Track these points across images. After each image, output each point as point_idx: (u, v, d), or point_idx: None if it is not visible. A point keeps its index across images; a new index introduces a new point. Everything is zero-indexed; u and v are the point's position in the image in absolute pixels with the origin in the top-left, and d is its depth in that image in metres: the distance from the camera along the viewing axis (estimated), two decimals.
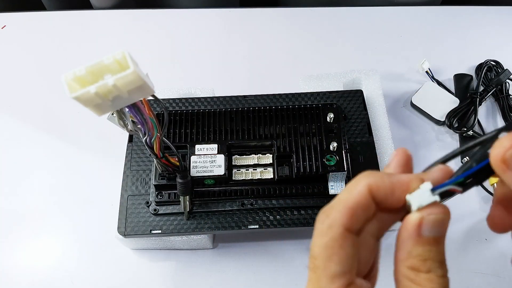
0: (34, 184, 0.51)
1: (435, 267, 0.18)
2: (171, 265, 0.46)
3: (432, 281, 0.18)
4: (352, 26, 0.64)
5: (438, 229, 0.18)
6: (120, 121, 0.30)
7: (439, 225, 0.18)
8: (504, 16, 0.65)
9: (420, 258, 0.18)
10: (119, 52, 0.24)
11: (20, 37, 0.64)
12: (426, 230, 0.18)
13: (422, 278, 0.18)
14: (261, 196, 0.42)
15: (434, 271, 0.18)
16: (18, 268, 0.46)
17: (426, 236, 0.18)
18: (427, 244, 0.18)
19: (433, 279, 0.18)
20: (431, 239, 0.18)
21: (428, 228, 0.18)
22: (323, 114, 0.44)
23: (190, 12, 0.66)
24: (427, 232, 0.18)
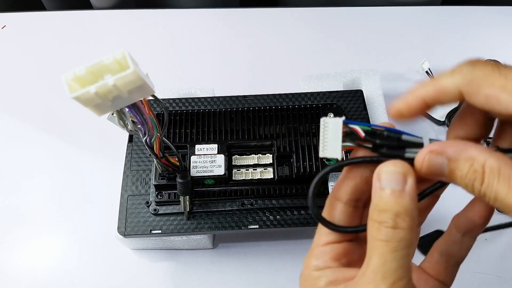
0: (34, 184, 0.51)
1: (387, 218, 0.18)
2: (171, 265, 0.46)
3: (379, 230, 0.19)
4: (352, 26, 0.64)
5: (394, 183, 0.19)
6: (120, 121, 0.30)
7: (395, 178, 0.19)
8: (504, 16, 0.65)
9: (377, 209, 0.19)
10: (119, 52, 0.24)
11: (20, 37, 0.64)
12: (383, 183, 0.19)
13: (373, 227, 0.19)
14: (261, 196, 0.42)
15: (385, 221, 0.18)
16: (18, 268, 0.46)
17: (384, 188, 0.19)
18: (385, 196, 0.19)
19: (381, 229, 0.18)
20: (389, 191, 0.19)
21: (385, 181, 0.19)
22: (323, 114, 0.44)
23: (190, 12, 0.66)
24: (384, 184, 0.19)
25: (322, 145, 0.21)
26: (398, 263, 0.18)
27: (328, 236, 0.22)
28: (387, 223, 0.18)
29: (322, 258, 0.21)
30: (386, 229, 0.18)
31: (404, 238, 0.18)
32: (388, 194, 0.19)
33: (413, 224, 0.18)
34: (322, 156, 0.21)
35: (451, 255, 0.23)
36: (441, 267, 0.23)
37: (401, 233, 0.18)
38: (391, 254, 0.18)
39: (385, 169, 0.19)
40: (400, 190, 0.19)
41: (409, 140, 0.20)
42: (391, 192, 0.19)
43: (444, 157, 0.18)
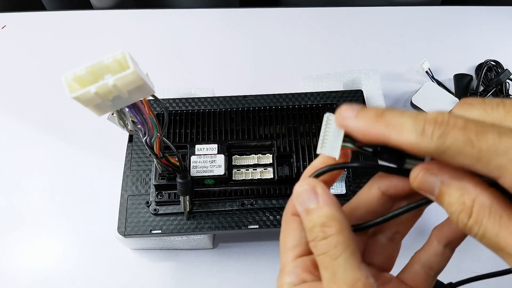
0: (34, 184, 0.51)
1: (317, 233, 0.19)
2: (171, 265, 0.46)
3: (316, 247, 0.19)
4: (352, 26, 0.64)
5: (308, 201, 0.20)
6: (120, 121, 0.30)
7: (306, 197, 0.20)
8: (504, 16, 0.65)
9: (308, 230, 0.20)
10: (119, 52, 0.24)
11: (20, 37, 0.64)
12: (299, 206, 0.20)
13: (312, 248, 0.20)
14: (261, 196, 0.42)
15: (316, 236, 0.19)
16: (18, 268, 0.46)
17: (301, 211, 0.20)
18: (306, 217, 0.20)
19: (317, 245, 0.19)
20: (306, 210, 0.20)
21: (299, 204, 0.20)
22: (323, 114, 0.44)
23: (190, 12, 0.66)
24: (300, 207, 0.20)
25: (321, 142, 0.21)
26: (346, 268, 0.18)
27: (294, 250, 0.21)
28: (318, 236, 0.19)
29: (295, 273, 0.21)
30: (320, 242, 0.19)
31: (338, 242, 0.18)
32: (307, 214, 0.20)
33: (341, 227, 0.19)
34: (319, 153, 0.21)
35: (432, 267, 0.23)
36: (421, 278, 0.23)
37: (334, 239, 0.19)
38: (335, 262, 0.18)
39: (294, 194, 0.20)
40: (314, 207, 0.19)
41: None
42: (308, 210, 0.20)
43: (438, 178, 0.18)
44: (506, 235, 0.16)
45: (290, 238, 0.21)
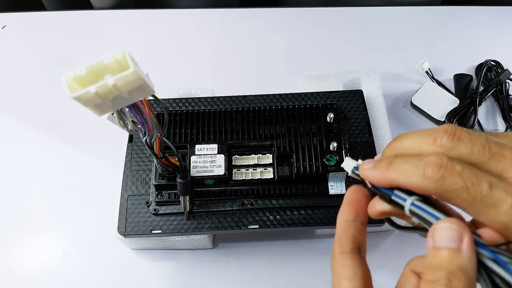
0: (34, 184, 0.51)
1: (441, 277, 0.18)
2: (171, 265, 0.46)
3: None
4: (352, 26, 0.64)
5: (449, 241, 0.19)
6: (120, 121, 0.30)
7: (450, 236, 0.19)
8: (504, 16, 0.65)
9: (431, 268, 0.19)
10: (119, 52, 0.24)
11: (20, 37, 0.64)
12: (437, 241, 0.19)
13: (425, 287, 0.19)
14: (261, 196, 0.42)
15: (439, 280, 0.18)
16: (18, 268, 0.46)
17: (438, 247, 0.19)
18: (439, 254, 0.19)
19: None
20: (444, 249, 0.19)
21: (439, 239, 0.19)
22: (323, 114, 0.44)
23: (190, 12, 0.66)
24: (438, 242, 0.19)
25: (347, 166, 0.25)
26: None
27: (351, 285, 0.21)
28: (441, 281, 0.18)
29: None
30: (441, 286, 0.18)
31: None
32: (442, 253, 0.18)
33: (469, 285, 0.18)
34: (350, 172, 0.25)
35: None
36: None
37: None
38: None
39: (440, 225, 0.19)
40: (455, 249, 0.18)
41: (396, 202, 0.22)
42: (446, 250, 0.18)
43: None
44: None
45: (345, 275, 0.22)
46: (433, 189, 0.20)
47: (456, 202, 0.19)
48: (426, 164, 0.20)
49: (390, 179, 0.21)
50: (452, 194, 0.19)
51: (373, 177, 0.23)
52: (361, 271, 0.22)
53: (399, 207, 0.22)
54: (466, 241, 0.18)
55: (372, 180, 0.23)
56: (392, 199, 0.22)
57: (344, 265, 0.22)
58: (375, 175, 0.22)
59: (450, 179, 0.19)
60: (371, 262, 0.23)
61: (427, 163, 0.20)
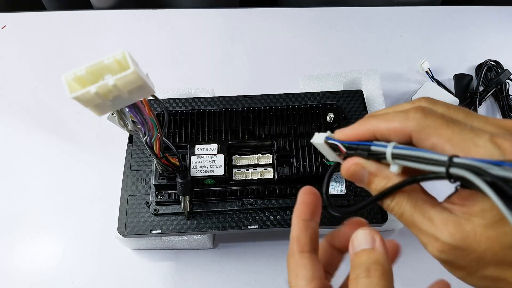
0: (34, 184, 0.51)
1: (361, 271, 0.21)
2: (171, 265, 0.46)
3: (357, 284, 0.21)
4: (352, 26, 0.64)
5: (364, 243, 0.22)
6: (120, 121, 0.30)
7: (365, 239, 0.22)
8: (504, 16, 0.65)
9: (353, 267, 0.21)
10: (119, 52, 0.24)
11: (20, 37, 0.64)
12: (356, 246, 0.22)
13: (351, 284, 0.21)
14: (261, 196, 0.42)
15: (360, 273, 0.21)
16: (18, 268, 0.46)
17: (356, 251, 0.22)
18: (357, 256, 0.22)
19: (357, 282, 0.21)
20: (361, 251, 0.22)
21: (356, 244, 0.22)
22: (323, 114, 0.44)
23: (190, 12, 0.66)
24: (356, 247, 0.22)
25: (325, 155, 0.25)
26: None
27: (309, 285, 0.22)
28: (361, 274, 0.21)
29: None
30: (362, 279, 0.20)
31: (378, 284, 0.20)
32: (360, 254, 0.21)
33: (385, 272, 0.20)
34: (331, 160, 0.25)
35: None
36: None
37: (375, 280, 0.20)
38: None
39: (356, 234, 0.22)
40: (370, 248, 0.21)
41: (377, 151, 0.22)
42: (363, 251, 0.21)
43: (366, 170, 0.22)
44: (418, 216, 0.20)
45: (303, 274, 0.23)
46: (415, 126, 0.21)
47: (435, 139, 0.20)
48: (407, 110, 0.21)
49: (370, 127, 0.22)
50: (433, 129, 0.20)
51: (350, 132, 0.23)
52: (318, 271, 0.23)
53: (378, 157, 0.22)
54: (378, 240, 0.21)
55: (350, 134, 0.23)
56: (372, 149, 0.22)
57: (303, 265, 0.23)
58: (352, 129, 0.23)
59: (431, 117, 0.20)
60: None
61: (409, 109, 0.21)
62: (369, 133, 0.22)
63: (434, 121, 0.20)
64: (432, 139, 0.20)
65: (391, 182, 0.21)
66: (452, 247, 0.19)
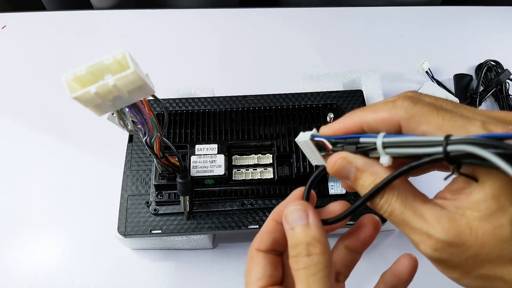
0: (34, 184, 0.51)
1: (301, 249, 0.21)
2: (171, 265, 0.46)
3: (297, 262, 0.21)
4: (352, 26, 0.64)
5: (299, 219, 0.22)
6: (120, 121, 0.30)
7: (298, 215, 0.22)
8: (504, 16, 0.65)
9: (292, 246, 0.22)
10: (119, 52, 0.24)
11: (20, 37, 0.64)
12: (290, 223, 0.22)
13: (292, 262, 0.21)
14: (261, 196, 0.42)
15: (300, 252, 0.21)
16: (18, 268, 0.46)
17: (292, 227, 0.22)
18: (294, 233, 0.22)
19: (298, 260, 0.21)
20: (297, 228, 0.22)
21: (290, 220, 0.22)
22: (323, 114, 0.44)
23: (190, 12, 0.66)
24: (291, 223, 0.22)
25: (310, 158, 0.24)
26: (320, 284, 0.20)
27: (258, 282, 0.23)
28: (302, 253, 0.21)
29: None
30: (303, 258, 0.21)
31: (319, 261, 0.20)
32: (296, 231, 0.21)
33: (324, 249, 0.21)
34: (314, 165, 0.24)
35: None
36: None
37: (315, 258, 0.20)
38: (312, 278, 0.20)
39: (288, 209, 0.22)
40: (305, 224, 0.21)
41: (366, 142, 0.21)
42: (299, 227, 0.21)
43: (353, 165, 0.21)
44: (409, 213, 0.19)
45: (255, 271, 0.23)
46: (404, 114, 0.20)
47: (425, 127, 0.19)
48: (394, 99, 0.20)
49: (356, 119, 0.21)
50: (422, 117, 0.19)
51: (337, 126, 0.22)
52: (270, 271, 0.23)
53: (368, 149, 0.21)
54: (311, 216, 0.22)
55: (336, 128, 0.22)
56: (361, 141, 0.21)
57: (256, 263, 0.23)
58: (339, 122, 0.22)
59: (420, 104, 0.20)
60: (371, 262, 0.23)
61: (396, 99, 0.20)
62: (356, 125, 0.21)
63: (423, 108, 0.19)
64: (423, 127, 0.19)
65: (380, 178, 0.20)
66: (446, 244, 0.18)
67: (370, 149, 0.21)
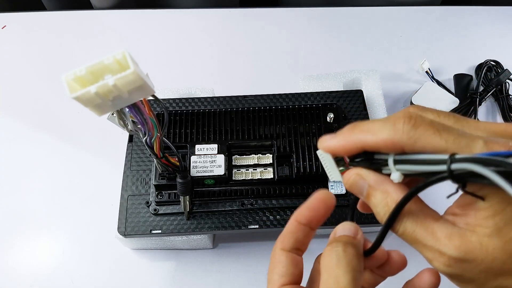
0: (34, 184, 0.51)
1: (337, 246, 0.22)
2: (171, 265, 0.46)
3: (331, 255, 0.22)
4: (352, 26, 0.64)
5: (347, 232, 0.23)
6: (120, 121, 0.30)
7: (348, 229, 0.23)
8: (504, 16, 0.65)
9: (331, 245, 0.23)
10: (120, 52, 0.24)
11: (20, 37, 0.64)
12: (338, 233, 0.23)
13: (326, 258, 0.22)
14: (261, 196, 0.42)
15: (336, 248, 0.22)
16: (18, 268, 0.46)
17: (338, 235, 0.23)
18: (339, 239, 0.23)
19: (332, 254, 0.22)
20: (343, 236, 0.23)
21: (339, 231, 0.23)
22: (323, 114, 0.44)
23: (190, 12, 0.66)
24: (339, 233, 0.23)
25: (328, 173, 0.24)
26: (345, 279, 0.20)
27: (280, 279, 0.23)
28: (339, 248, 0.21)
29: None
30: (338, 250, 0.21)
31: (352, 260, 0.21)
32: (341, 236, 0.22)
33: (358, 256, 0.21)
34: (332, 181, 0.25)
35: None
36: None
37: (349, 256, 0.21)
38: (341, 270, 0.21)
39: (341, 224, 0.23)
40: (351, 236, 0.22)
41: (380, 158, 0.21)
42: (344, 235, 0.22)
43: (366, 182, 0.22)
44: (421, 231, 0.20)
45: (278, 269, 0.24)
46: (406, 139, 0.19)
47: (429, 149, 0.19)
48: (395, 119, 0.20)
49: (356, 141, 0.21)
50: (425, 140, 0.19)
51: (335, 144, 0.22)
52: (293, 269, 0.24)
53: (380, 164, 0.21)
54: (360, 234, 0.23)
55: (335, 148, 0.22)
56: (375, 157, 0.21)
57: (280, 261, 0.24)
58: (337, 141, 0.22)
59: (422, 127, 0.19)
60: None
61: (396, 118, 0.20)
62: (357, 147, 0.21)
63: (425, 131, 0.19)
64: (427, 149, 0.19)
65: (390, 197, 0.21)
66: (458, 260, 0.19)
67: (383, 165, 0.21)
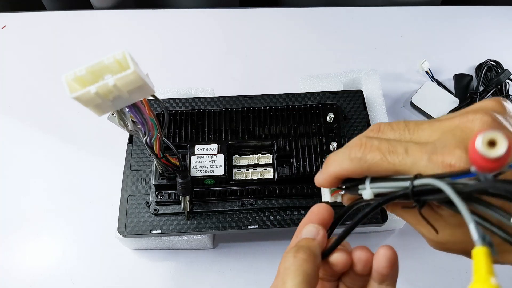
0: (34, 184, 0.51)
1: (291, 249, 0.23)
2: (171, 265, 0.46)
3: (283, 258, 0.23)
4: (352, 26, 0.64)
5: (309, 234, 0.24)
6: (120, 121, 0.30)
7: (310, 231, 0.25)
8: (504, 16, 0.65)
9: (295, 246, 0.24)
10: (120, 52, 0.24)
11: (20, 37, 0.64)
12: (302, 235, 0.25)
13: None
14: (261, 196, 0.42)
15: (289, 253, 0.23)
16: (18, 268, 0.46)
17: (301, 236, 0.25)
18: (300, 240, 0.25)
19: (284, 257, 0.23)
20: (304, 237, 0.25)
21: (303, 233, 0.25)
22: (323, 114, 0.44)
23: (190, 12, 0.66)
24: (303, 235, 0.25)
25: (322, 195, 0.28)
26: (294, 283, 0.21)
27: None
28: (290, 253, 0.22)
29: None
30: (290, 256, 0.22)
31: (302, 265, 0.21)
32: (301, 240, 0.23)
33: (309, 258, 0.22)
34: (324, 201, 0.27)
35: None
36: None
37: (299, 261, 0.22)
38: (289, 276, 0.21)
39: (307, 225, 0.24)
40: (311, 238, 0.23)
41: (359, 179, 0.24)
42: (305, 238, 0.23)
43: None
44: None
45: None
46: (360, 168, 0.21)
47: (382, 174, 0.21)
48: (350, 148, 0.22)
49: (331, 173, 0.23)
50: (376, 167, 0.21)
51: (320, 181, 0.24)
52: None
53: (358, 188, 0.23)
54: (321, 235, 0.24)
55: (321, 183, 0.24)
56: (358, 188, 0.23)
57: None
58: (320, 178, 0.24)
59: (370, 154, 0.21)
60: None
61: (350, 147, 0.22)
62: (336, 180, 0.23)
63: (373, 158, 0.21)
64: (382, 174, 0.21)
65: None
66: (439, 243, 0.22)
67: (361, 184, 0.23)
